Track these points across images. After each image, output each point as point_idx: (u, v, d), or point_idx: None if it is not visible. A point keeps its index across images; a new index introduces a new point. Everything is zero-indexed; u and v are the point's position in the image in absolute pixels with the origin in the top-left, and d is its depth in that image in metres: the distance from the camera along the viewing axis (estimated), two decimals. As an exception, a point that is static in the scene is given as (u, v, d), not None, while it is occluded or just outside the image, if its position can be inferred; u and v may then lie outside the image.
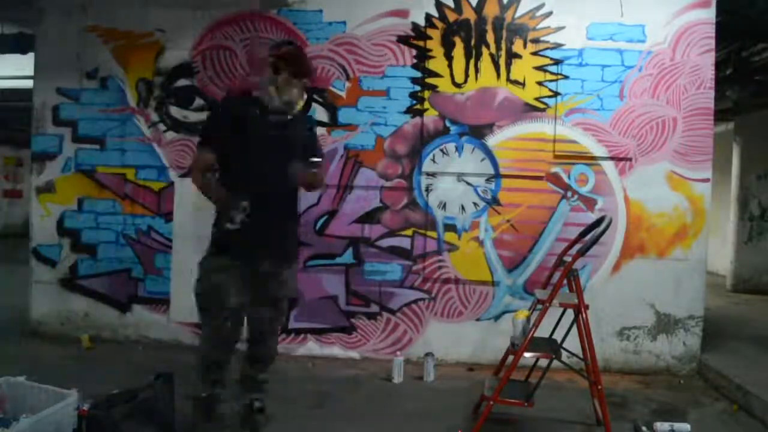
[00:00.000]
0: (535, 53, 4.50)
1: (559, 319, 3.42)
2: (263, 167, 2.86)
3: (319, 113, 4.64)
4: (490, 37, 4.52)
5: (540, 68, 4.50)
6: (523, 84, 4.51)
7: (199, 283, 2.93)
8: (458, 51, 4.54)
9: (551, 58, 4.48)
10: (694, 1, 4.38)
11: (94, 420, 2.74)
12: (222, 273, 2.86)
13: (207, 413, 2.93)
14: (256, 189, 2.77)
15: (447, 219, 4.58)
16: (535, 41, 4.50)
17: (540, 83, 4.50)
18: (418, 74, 4.56)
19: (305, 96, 3.03)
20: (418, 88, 4.57)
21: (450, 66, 4.55)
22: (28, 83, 5.12)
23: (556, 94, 4.48)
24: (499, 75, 4.52)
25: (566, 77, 4.48)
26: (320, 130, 4.63)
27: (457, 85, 4.55)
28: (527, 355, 3.11)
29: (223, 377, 2.97)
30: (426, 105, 4.56)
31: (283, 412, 3.44)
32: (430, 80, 4.56)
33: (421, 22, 4.56)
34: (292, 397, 3.71)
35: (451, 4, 4.54)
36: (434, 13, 4.55)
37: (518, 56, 4.50)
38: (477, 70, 4.54)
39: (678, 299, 4.43)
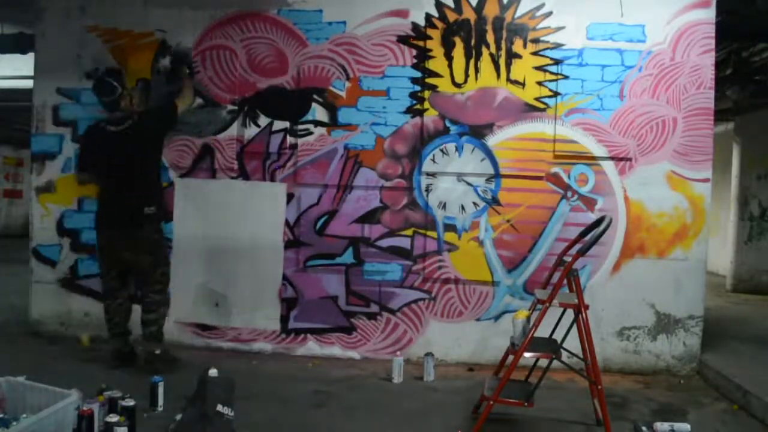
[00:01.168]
0: (535, 53, 4.50)
1: (559, 319, 3.42)
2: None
3: (319, 113, 4.65)
4: (490, 37, 4.52)
5: (540, 68, 4.50)
6: (523, 84, 4.51)
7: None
8: (458, 51, 4.54)
9: (551, 58, 4.48)
10: (694, 1, 4.38)
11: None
12: None
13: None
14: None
15: (447, 219, 4.58)
16: (535, 41, 4.49)
17: (540, 83, 4.50)
18: (418, 74, 4.56)
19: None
20: (418, 88, 4.57)
21: (450, 66, 4.55)
22: (28, 83, 5.12)
23: (556, 94, 4.48)
24: (499, 75, 4.52)
25: (566, 77, 4.48)
26: (320, 130, 4.65)
27: (457, 85, 4.55)
28: (527, 355, 3.11)
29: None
30: (426, 105, 4.56)
31: (283, 412, 3.45)
32: (430, 80, 4.56)
33: (421, 22, 4.56)
34: (292, 397, 3.71)
35: (451, 4, 4.54)
36: (434, 13, 4.55)
37: (518, 56, 4.50)
38: (477, 70, 4.54)
39: (678, 299, 4.43)
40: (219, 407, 2.95)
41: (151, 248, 4.10)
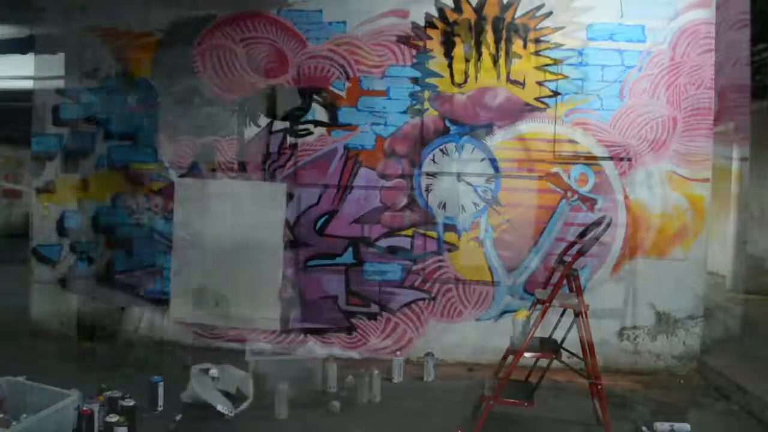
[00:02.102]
0: (535, 53, 4.50)
1: (559, 319, 3.42)
2: None
3: (319, 113, 4.65)
4: (490, 37, 4.52)
5: (540, 68, 4.50)
6: (523, 84, 4.51)
7: None
8: (458, 51, 4.54)
9: (551, 58, 4.48)
10: (694, 1, 4.38)
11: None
12: None
13: None
14: None
15: (447, 219, 4.58)
16: (535, 41, 4.49)
17: (540, 83, 4.50)
18: (418, 74, 4.56)
19: None
20: (418, 88, 4.57)
21: (450, 66, 4.55)
22: (28, 83, 5.12)
23: (556, 94, 4.48)
24: (499, 75, 4.52)
25: (566, 77, 4.48)
26: (320, 130, 4.65)
27: (457, 85, 4.55)
28: (527, 355, 3.11)
29: None
30: (426, 105, 4.56)
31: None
32: (430, 80, 4.56)
33: (421, 22, 4.56)
34: (292, 397, 3.70)
35: (451, 4, 4.54)
36: (434, 13, 4.54)
37: (518, 56, 4.50)
38: (477, 70, 4.54)
39: (678, 299, 4.43)
40: (219, 407, 2.96)
41: None
